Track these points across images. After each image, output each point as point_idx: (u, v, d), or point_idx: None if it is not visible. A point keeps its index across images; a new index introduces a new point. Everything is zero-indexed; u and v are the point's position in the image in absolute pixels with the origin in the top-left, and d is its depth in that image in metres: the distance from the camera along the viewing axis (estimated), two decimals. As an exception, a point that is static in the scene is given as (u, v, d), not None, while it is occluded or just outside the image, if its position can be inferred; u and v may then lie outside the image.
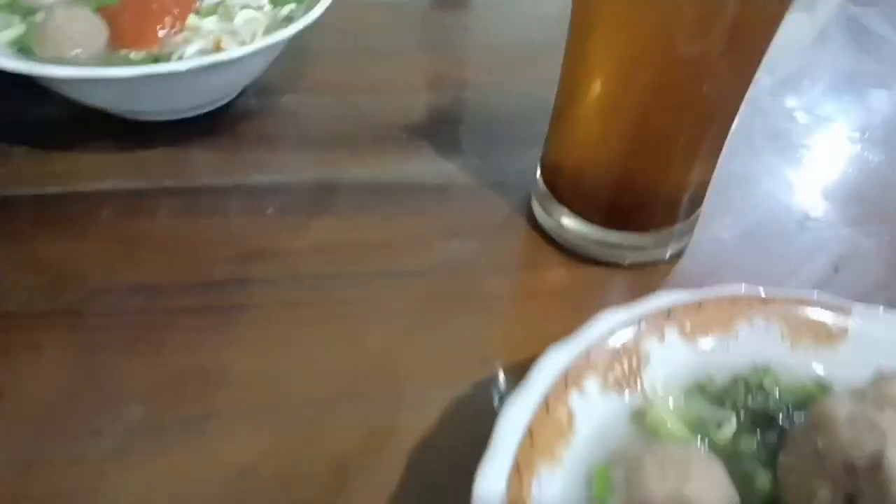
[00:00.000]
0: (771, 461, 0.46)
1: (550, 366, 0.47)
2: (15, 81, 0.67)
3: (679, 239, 0.72)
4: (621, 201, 0.69)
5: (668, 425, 0.48)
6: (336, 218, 0.74)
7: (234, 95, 0.84)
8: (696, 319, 0.52)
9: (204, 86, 0.74)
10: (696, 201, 0.73)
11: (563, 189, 0.71)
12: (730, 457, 0.48)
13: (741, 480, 0.46)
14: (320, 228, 0.73)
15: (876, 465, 0.40)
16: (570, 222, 0.72)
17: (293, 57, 0.90)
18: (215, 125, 0.82)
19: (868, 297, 0.55)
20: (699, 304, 0.52)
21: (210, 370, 0.58)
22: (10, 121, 0.80)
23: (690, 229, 0.74)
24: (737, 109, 0.66)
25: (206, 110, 0.81)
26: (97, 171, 0.75)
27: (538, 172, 0.74)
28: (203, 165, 0.78)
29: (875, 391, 0.44)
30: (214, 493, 0.50)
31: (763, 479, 0.46)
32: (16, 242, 0.67)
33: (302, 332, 0.62)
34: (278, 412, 0.55)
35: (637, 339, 0.50)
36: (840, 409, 0.43)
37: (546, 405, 0.45)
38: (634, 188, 0.68)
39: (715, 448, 0.48)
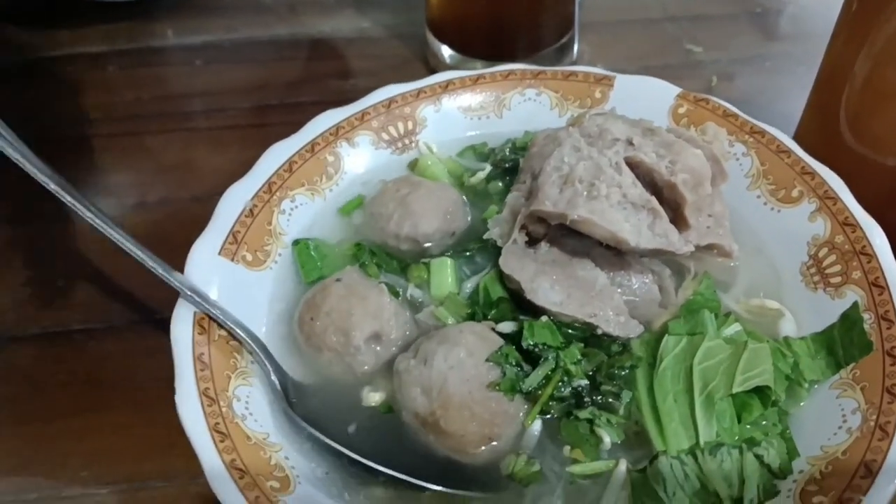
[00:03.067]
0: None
1: (324, 121, 0.57)
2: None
3: (554, 62, 0.79)
4: (490, 34, 0.77)
5: (432, 171, 0.57)
6: (254, 66, 0.87)
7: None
8: (472, 91, 0.60)
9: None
10: (563, 25, 0.79)
11: (442, 30, 0.80)
12: (479, 195, 0.57)
13: (480, 212, 0.55)
14: (239, 72, 0.85)
15: (541, 170, 0.48)
16: (449, 55, 0.80)
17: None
18: (170, 4, 0.96)
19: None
20: (476, 79, 0.60)
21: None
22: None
23: (560, 57, 0.80)
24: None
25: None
26: (73, 40, 0.91)
27: (426, 25, 0.83)
28: (157, 31, 0.93)
29: (577, 123, 0.51)
30: None
31: (493, 211, 0.54)
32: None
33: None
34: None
35: (414, 106, 0.59)
36: (537, 142, 0.51)
37: (312, 148, 0.55)
38: (500, 20, 0.76)
39: (468, 190, 0.57)
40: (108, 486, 0.50)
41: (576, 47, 0.82)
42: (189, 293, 0.44)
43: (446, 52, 0.80)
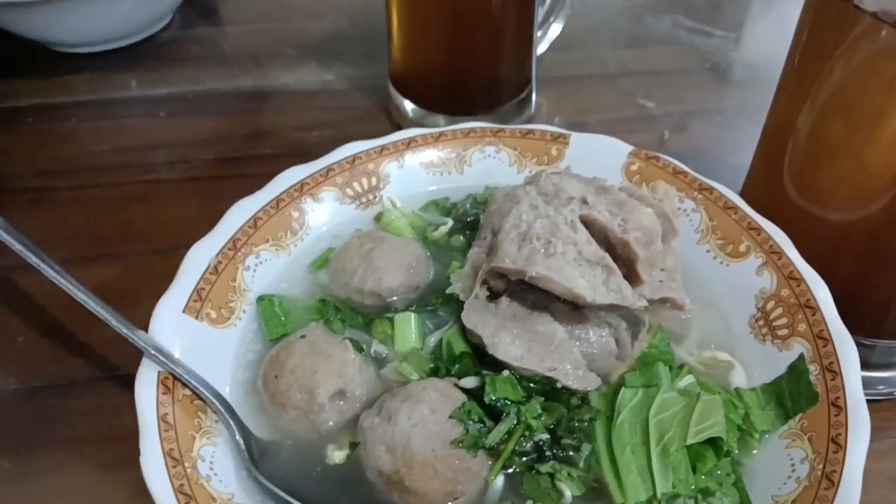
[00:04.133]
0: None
1: (288, 179, 0.58)
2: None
3: (513, 116, 0.81)
4: (451, 90, 0.80)
5: (396, 225, 0.59)
6: (218, 118, 0.88)
7: (159, 24, 0.98)
8: (435, 147, 0.62)
9: (125, 10, 0.89)
10: (521, 82, 0.82)
11: (405, 85, 0.82)
12: (441, 249, 0.58)
13: (443, 266, 0.56)
14: (203, 124, 0.86)
15: (501, 227, 0.50)
16: (412, 110, 0.82)
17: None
18: (141, 52, 0.97)
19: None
20: (437, 136, 0.62)
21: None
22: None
23: (519, 112, 0.83)
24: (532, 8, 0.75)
25: (134, 40, 0.96)
26: (27, 91, 0.91)
27: (388, 79, 0.85)
28: (116, 82, 0.93)
29: (535, 181, 0.53)
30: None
31: (456, 266, 0.55)
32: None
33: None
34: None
35: (377, 163, 0.61)
36: (497, 199, 0.53)
37: (276, 204, 0.56)
38: (460, 77, 0.79)
39: (431, 244, 0.58)
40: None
41: (533, 102, 0.84)
42: (153, 352, 0.44)
43: (408, 106, 0.82)
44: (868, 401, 0.51)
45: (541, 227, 0.48)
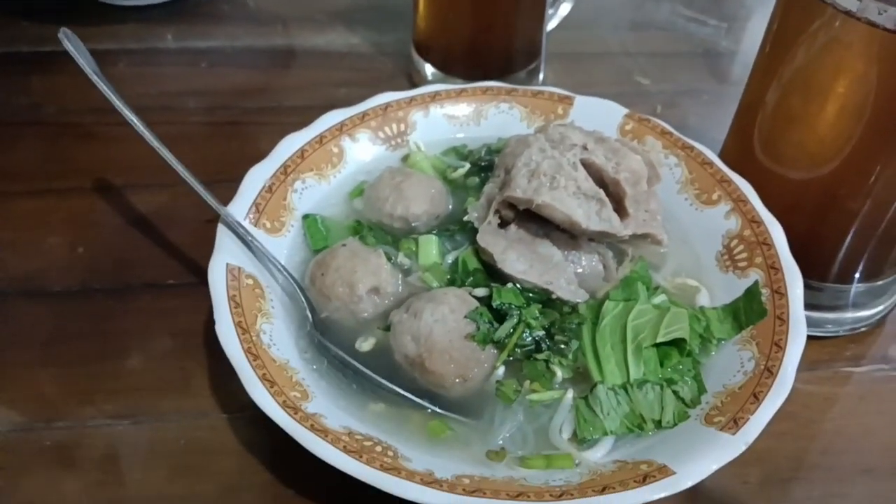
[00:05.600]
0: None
1: (330, 119, 0.67)
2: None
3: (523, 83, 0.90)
4: (469, 56, 0.89)
5: (421, 166, 0.68)
6: (253, 71, 0.96)
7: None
8: (456, 102, 0.71)
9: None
10: (531, 53, 0.91)
11: (426, 50, 0.91)
12: (459, 188, 0.67)
13: (460, 201, 0.66)
14: (240, 76, 0.95)
15: (513, 166, 0.59)
16: (431, 73, 0.91)
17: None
18: (180, 9, 1.05)
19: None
20: (459, 91, 0.72)
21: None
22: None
23: (528, 81, 0.92)
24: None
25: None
26: (79, 35, 0.99)
27: (412, 45, 0.94)
28: (158, 33, 1.02)
29: (538, 136, 0.63)
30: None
31: (471, 201, 0.65)
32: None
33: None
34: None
35: (406, 111, 0.70)
36: (510, 145, 0.63)
37: (320, 140, 0.66)
38: (475, 44, 0.88)
39: (450, 183, 0.68)
40: (129, 419, 0.58)
41: (541, 73, 0.94)
42: (237, 221, 0.55)
43: (429, 69, 0.91)
44: (817, 337, 0.62)
45: (547, 166, 0.58)
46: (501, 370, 0.54)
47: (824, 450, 0.59)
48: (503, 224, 0.60)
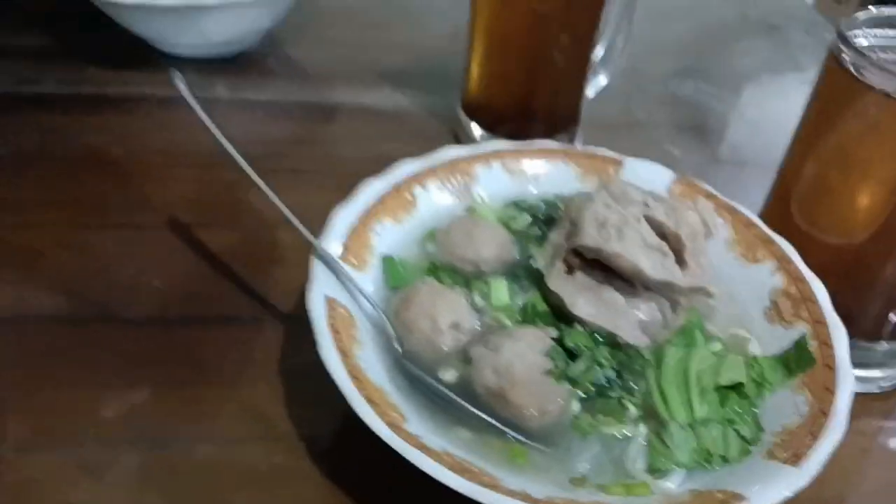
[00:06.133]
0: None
1: (404, 169, 0.72)
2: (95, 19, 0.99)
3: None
4: (514, 118, 0.96)
5: (485, 215, 0.73)
6: (304, 123, 1.02)
7: (250, 44, 1.13)
8: (515, 158, 0.77)
9: (227, 24, 1.03)
10: (571, 119, 0.98)
11: (474, 111, 0.98)
12: (521, 237, 0.73)
13: (523, 249, 0.71)
14: (294, 127, 1.01)
15: (580, 217, 0.65)
16: (478, 132, 0.98)
17: (299, 17, 1.20)
18: (232, 63, 1.12)
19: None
20: (519, 150, 0.77)
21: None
22: (86, 46, 1.12)
23: (570, 142, 0.99)
24: (588, 53, 0.92)
25: (227, 53, 1.11)
26: (141, 81, 1.05)
27: (458, 105, 1.01)
28: (213, 84, 1.08)
29: (602, 191, 0.68)
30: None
31: (535, 250, 0.70)
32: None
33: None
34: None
35: (470, 165, 0.76)
36: (576, 199, 0.68)
37: (397, 188, 0.71)
38: (521, 108, 0.95)
39: (514, 232, 0.73)
40: (211, 442, 0.61)
41: (577, 139, 1.01)
42: (332, 258, 0.60)
43: (476, 129, 0.97)
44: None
45: (614, 218, 0.63)
46: (575, 405, 0.58)
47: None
48: (569, 271, 0.65)
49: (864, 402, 0.70)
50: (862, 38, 0.66)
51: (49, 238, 0.79)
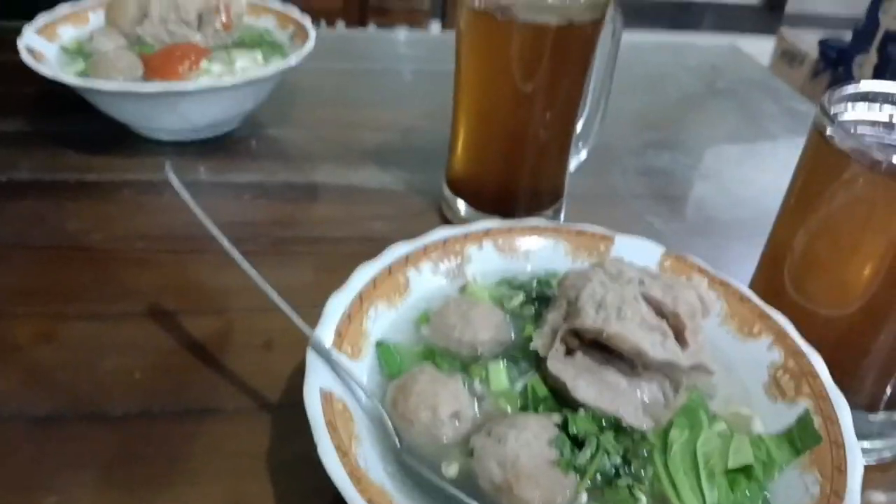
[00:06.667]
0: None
1: (397, 251, 0.72)
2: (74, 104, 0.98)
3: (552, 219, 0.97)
4: (500, 195, 0.96)
5: (479, 295, 0.72)
6: (289, 204, 1.02)
7: (232, 126, 1.14)
8: (506, 237, 0.77)
9: (207, 108, 1.03)
10: (556, 194, 0.99)
11: (460, 189, 0.99)
12: (515, 316, 0.72)
13: (519, 329, 0.70)
14: (279, 208, 1.00)
15: (578, 297, 0.64)
16: (464, 209, 0.98)
17: (281, 98, 1.21)
18: (214, 145, 1.11)
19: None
20: (509, 229, 0.77)
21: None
22: (65, 131, 1.11)
23: (554, 219, 1.00)
24: (571, 129, 0.94)
25: (208, 135, 1.11)
26: (121, 166, 1.04)
27: (444, 182, 1.02)
28: (195, 167, 1.07)
29: (598, 270, 0.68)
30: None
31: (532, 331, 0.69)
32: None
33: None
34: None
35: (462, 245, 0.75)
36: (569, 276, 0.68)
37: (389, 271, 0.70)
38: (508, 185, 0.95)
39: (508, 311, 0.72)
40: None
41: (563, 211, 1.01)
42: (329, 350, 0.58)
43: (462, 206, 0.98)
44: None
45: (612, 298, 0.62)
46: (583, 496, 0.56)
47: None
48: (568, 352, 0.64)
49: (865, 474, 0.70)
50: (845, 114, 0.68)
51: (26, 330, 0.76)
